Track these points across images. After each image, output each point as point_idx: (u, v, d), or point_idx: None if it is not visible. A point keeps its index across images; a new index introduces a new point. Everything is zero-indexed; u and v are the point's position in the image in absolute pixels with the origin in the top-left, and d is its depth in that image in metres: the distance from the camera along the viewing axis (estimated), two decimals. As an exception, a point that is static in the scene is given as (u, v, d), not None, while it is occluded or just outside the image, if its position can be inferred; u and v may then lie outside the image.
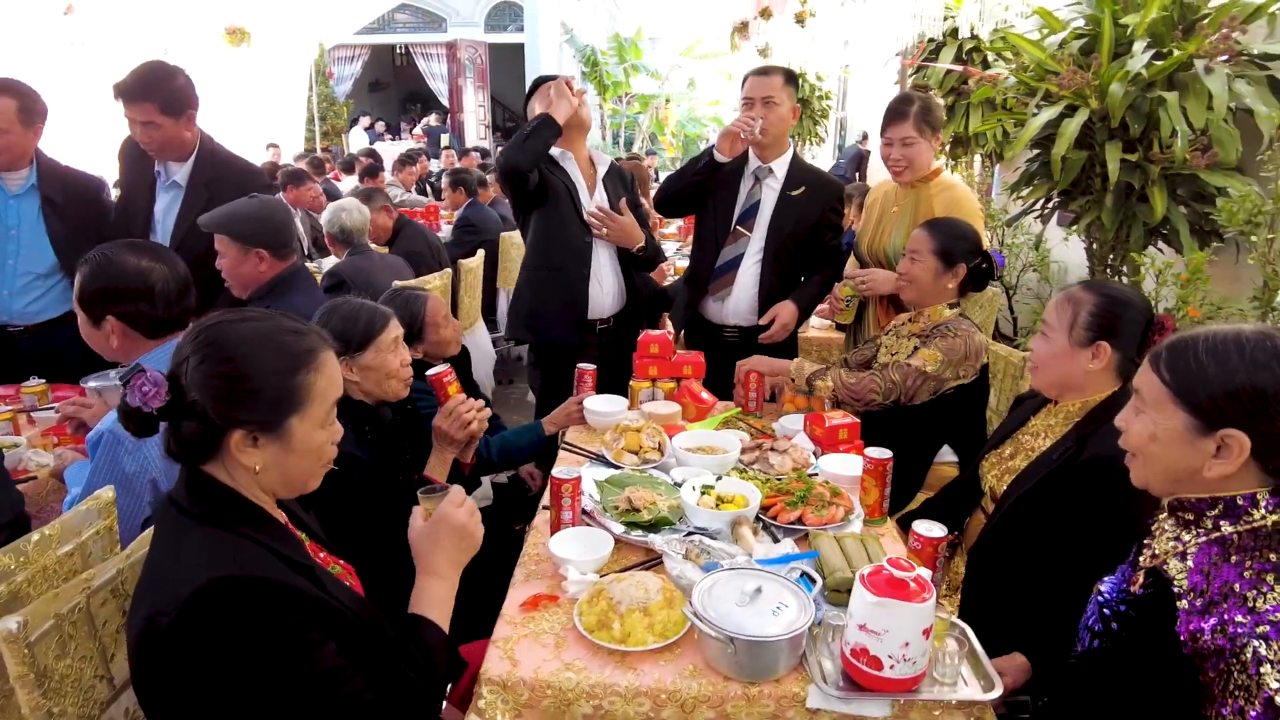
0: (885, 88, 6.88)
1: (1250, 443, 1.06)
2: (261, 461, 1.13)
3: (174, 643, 1.00)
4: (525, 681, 1.30)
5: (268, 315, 1.19)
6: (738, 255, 2.77)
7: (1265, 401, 1.04)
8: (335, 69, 16.59)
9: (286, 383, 1.13)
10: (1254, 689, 1.00)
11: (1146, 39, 3.20)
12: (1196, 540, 1.13)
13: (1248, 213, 2.54)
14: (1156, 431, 1.13)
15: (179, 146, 2.64)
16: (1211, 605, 1.06)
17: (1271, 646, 0.99)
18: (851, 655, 1.25)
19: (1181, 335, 1.13)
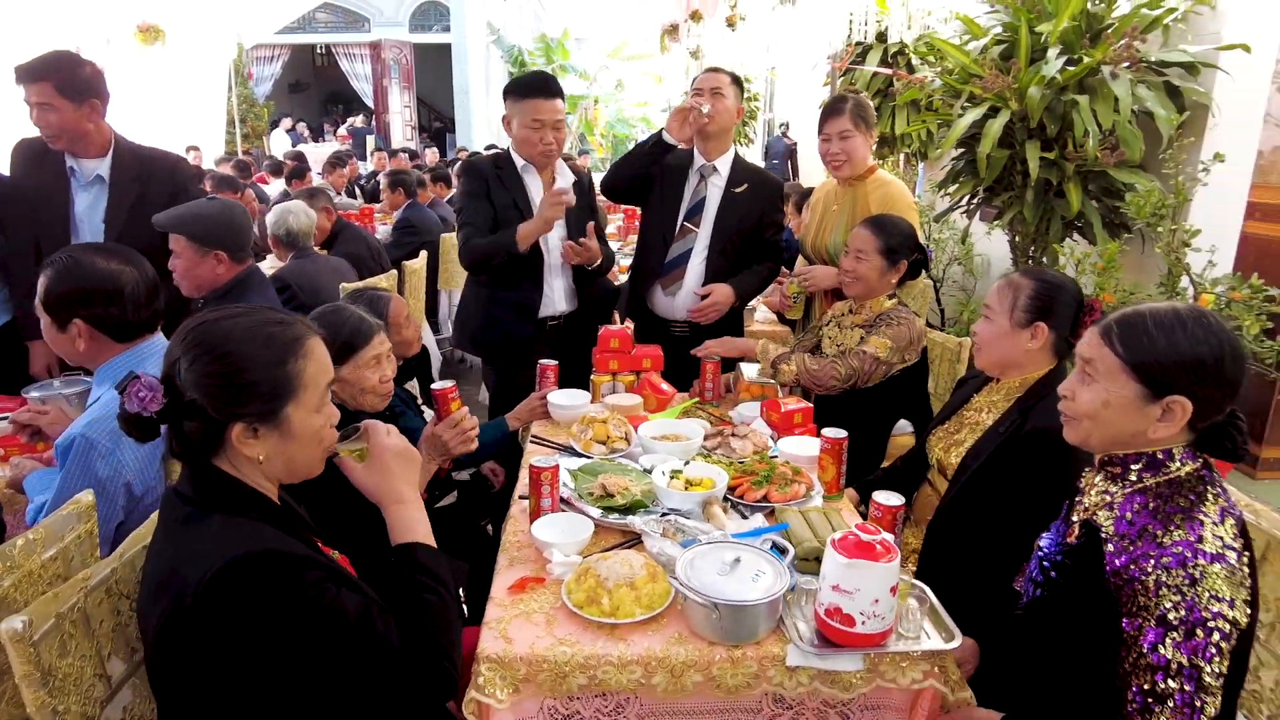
0: (813, 90, 7.11)
1: (1193, 407, 1.20)
2: (264, 451, 1.16)
3: (201, 620, 1.03)
4: (521, 658, 1.36)
5: (251, 310, 1.22)
6: (686, 251, 2.86)
7: (1205, 370, 1.18)
8: (254, 69, 16.10)
9: (279, 372, 1.16)
10: (1152, 608, 1.15)
11: (1059, 46, 3.43)
12: (1123, 491, 1.27)
13: (1153, 206, 2.77)
14: (1109, 399, 1.25)
15: (81, 137, 2.55)
16: (1130, 545, 1.20)
17: (1172, 574, 1.14)
18: (825, 615, 1.36)
19: (1128, 312, 1.27)
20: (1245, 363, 1.21)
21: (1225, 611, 1.11)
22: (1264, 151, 3.03)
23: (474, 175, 2.77)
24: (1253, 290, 2.60)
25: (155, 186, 2.47)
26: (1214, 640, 1.11)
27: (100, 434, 1.64)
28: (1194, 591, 1.12)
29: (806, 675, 1.38)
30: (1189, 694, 1.13)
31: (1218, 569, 1.13)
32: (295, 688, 1.08)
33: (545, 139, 2.67)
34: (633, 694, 1.38)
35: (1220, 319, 1.22)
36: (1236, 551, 1.15)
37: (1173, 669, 1.13)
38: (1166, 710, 1.14)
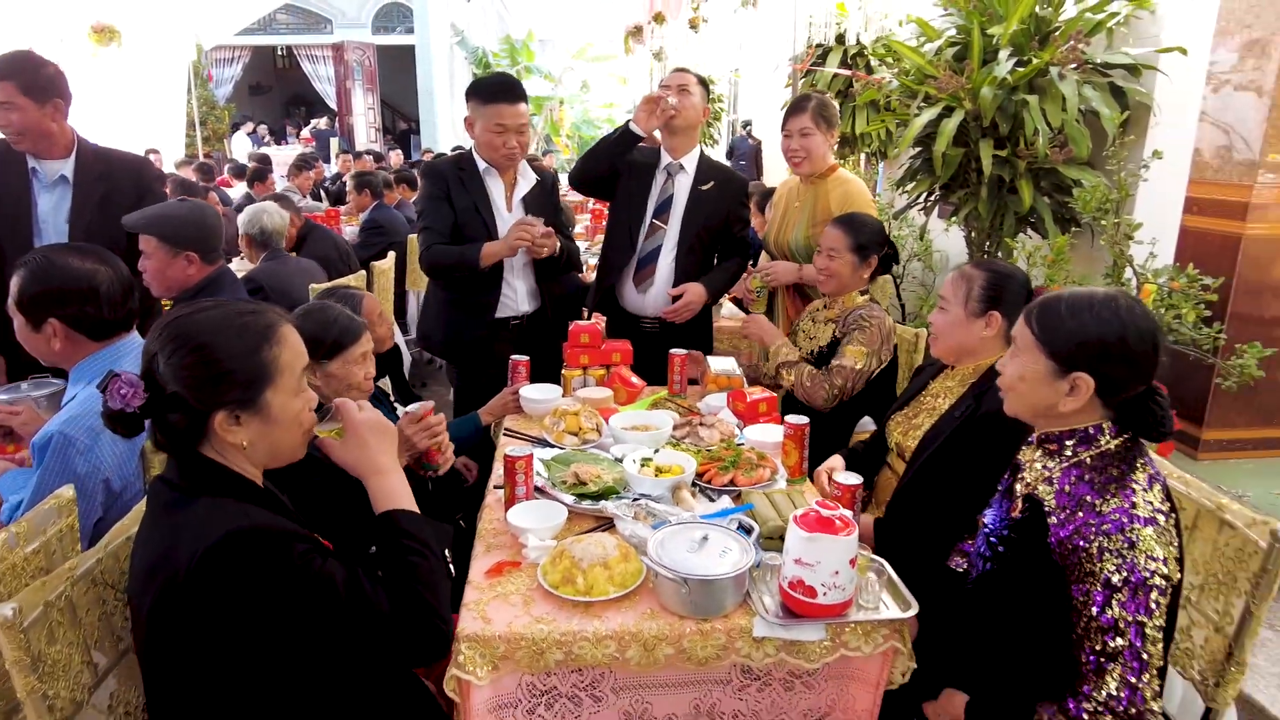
0: (776, 91, 7.23)
1: (1094, 383, 1.30)
2: (247, 437, 1.21)
3: (195, 595, 1.07)
4: (500, 636, 1.41)
5: (222, 303, 1.26)
6: (656, 248, 2.92)
7: (1106, 350, 1.29)
8: (214, 71, 15.88)
9: (254, 360, 1.20)
10: (1098, 573, 1.24)
11: (1010, 48, 3.56)
12: (1060, 466, 1.36)
13: (1099, 201, 2.89)
14: (1024, 373, 1.37)
15: (44, 137, 2.54)
16: (1071, 516, 1.29)
17: (1112, 539, 1.24)
18: (789, 587, 1.43)
19: (1049, 295, 1.37)
20: (1153, 345, 1.31)
21: (1160, 569, 1.21)
22: (1200, 149, 3.17)
23: (435, 178, 2.78)
24: (1189, 280, 2.74)
25: (119, 187, 2.48)
26: (1153, 597, 1.21)
27: (78, 431, 1.67)
28: (1133, 554, 1.21)
29: (773, 646, 1.45)
30: (1136, 649, 1.22)
31: (1150, 531, 1.22)
32: (288, 656, 1.13)
33: (509, 143, 2.69)
34: (607, 668, 1.44)
35: (1135, 305, 1.32)
36: (1164, 514, 1.25)
37: (1120, 627, 1.22)
38: (1118, 667, 1.23)
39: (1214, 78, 3.11)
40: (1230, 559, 1.46)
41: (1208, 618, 1.50)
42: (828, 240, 2.50)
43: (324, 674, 1.22)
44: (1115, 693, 1.23)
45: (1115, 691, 1.23)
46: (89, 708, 1.29)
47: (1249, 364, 2.68)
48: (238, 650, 1.11)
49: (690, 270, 2.91)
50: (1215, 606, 1.49)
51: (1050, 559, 1.30)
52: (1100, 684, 1.24)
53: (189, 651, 1.11)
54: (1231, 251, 3.00)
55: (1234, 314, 3.02)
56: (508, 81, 2.74)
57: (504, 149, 2.70)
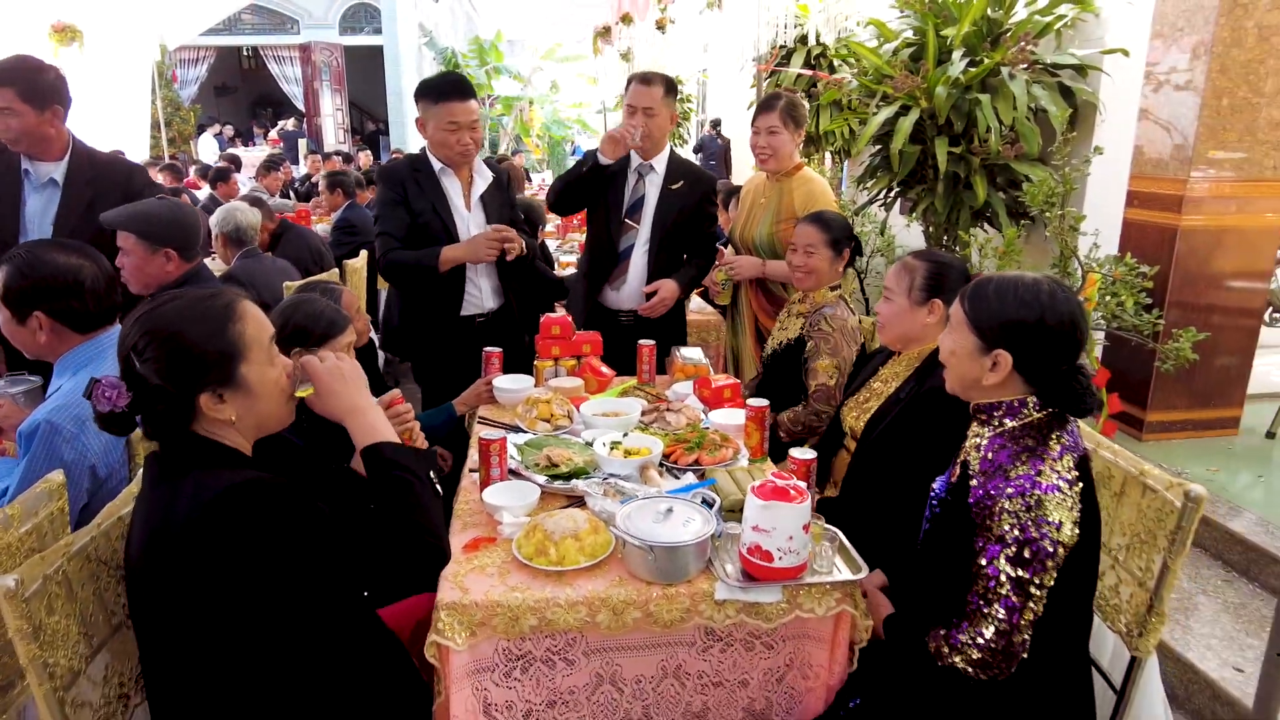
0: (742, 91, 7.36)
1: (1013, 359, 1.43)
2: (234, 412, 1.28)
3: (198, 545, 1.15)
4: (477, 604, 1.50)
5: (181, 293, 1.31)
6: (628, 246, 3.02)
7: (1025, 330, 1.42)
8: (178, 72, 15.70)
9: (222, 339, 1.26)
10: (995, 529, 1.38)
11: (963, 49, 3.70)
12: (988, 434, 1.48)
13: (1045, 195, 3.04)
14: (955, 348, 1.49)
15: (41, 141, 2.59)
16: (987, 479, 1.42)
17: (1013, 501, 1.37)
18: (748, 553, 1.54)
19: (982, 278, 1.49)
20: (1071, 327, 1.42)
21: (1052, 533, 1.34)
22: (1140, 146, 3.34)
23: (391, 182, 2.79)
24: (1128, 268, 2.89)
25: (107, 191, 2.52)
26: (1040, 557, 1.34)
27: (64, 419, 1.73)
28: (1028, 516, 1.35)
29: (733, 608, 1.55)
30: (1013, 603, 1.36)
31: (1050, 497, 1.35)
32: (287, 603, 1.20)
33: (462, 140, 2.72)
34: (579, 633, 1.53)
35: (1058, 291, 1.44)
36: (1069, 483, 1.38)
37: (1003, 579, 1.36)
38: (996, 611, 1.37)
39: (1152, 78, 3.27)
40: (1151, 519, 1.58)
41: (1132, 575, 1.63)
42: (804, 238, 2.56)
43: (319, 625, 1.30)
44: (990, 636, 1.38)
45: (990, 635, 1.38)
46: (84, 678, 1.36)
47: (1184, 348, 2.84)
48: (238, 601, 1.18)
49: (662, 266, 3.01)
50: (1139, 564, 1.61)
51: (969, 516, 1.43)
52: (979, 625, 1.39)
53: (189, 607, 1.18)
54: (1169, 242, 3.16)
55: (1172, 301, 3.19)
56: (456, 79, 2.77)
57: (458, 146, 2.73)
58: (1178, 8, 3.11)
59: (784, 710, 1.66)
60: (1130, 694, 1.61)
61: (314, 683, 1.34)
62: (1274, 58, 3.02)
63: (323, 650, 1.34)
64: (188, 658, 1.25)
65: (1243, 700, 2.11)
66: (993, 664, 1.39)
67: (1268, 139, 3.11)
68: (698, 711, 1.63)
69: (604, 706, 1.58)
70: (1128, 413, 3.36)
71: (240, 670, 1.26)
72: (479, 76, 17.16)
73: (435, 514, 1.31)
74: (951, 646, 1.42)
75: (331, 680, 1.37)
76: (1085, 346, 1.48)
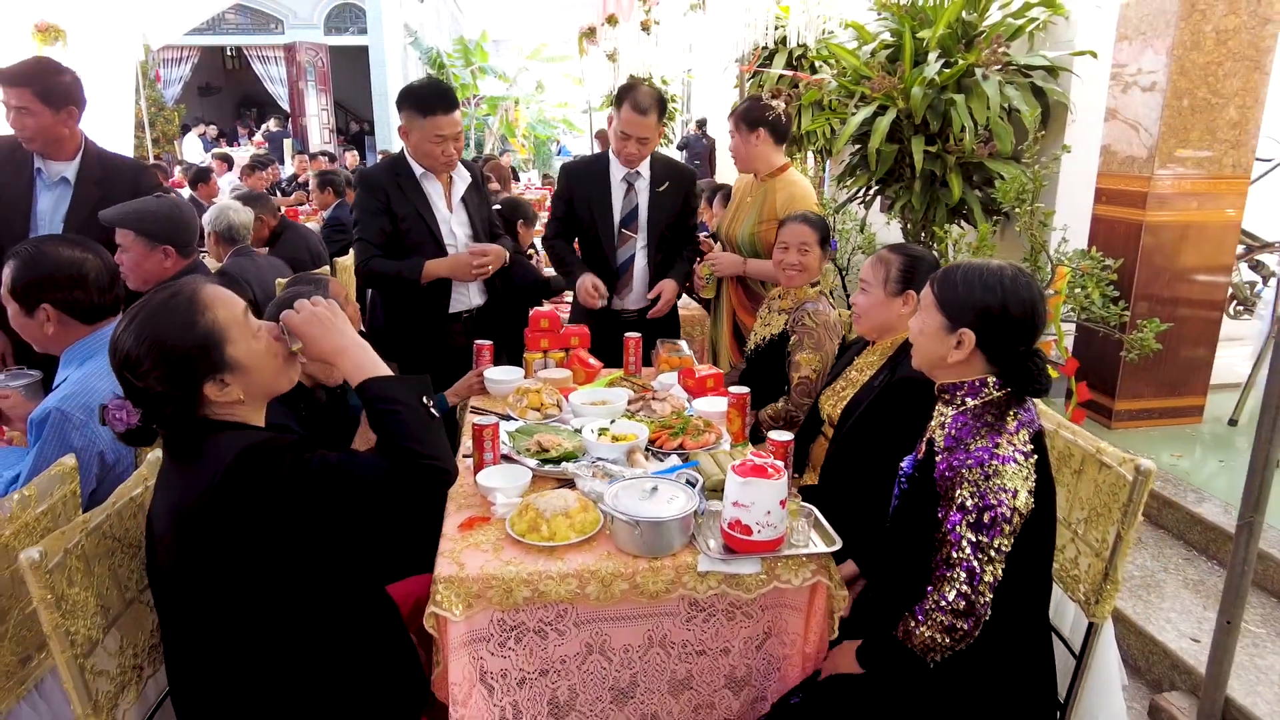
0: (726, 91, 7.46)
1: (976, 339, 1.53)
2: (239, 392, 1.35)
3: (221, 509, 1.23)
4: (473, 578, 1.59)
5: (144, 302, 1.35)
6: (630, 256, 3.09)
7: (989, 313, 1.52)
8: (162, 71, 15.65)
9: (196, 331, 1.31)
10: (954, 497, 1.48)
11: (938, 50, 3.82)
12: (952, 412, 1.59)
13: (1017, 192, 3.15)
14: (924, 328, 1.59)
15: (55, 141, 2.67)
16: (950, 454, 1.52)
17: (972, 471, 1.47)
18: (729, 528, 1.63)
19: (952, 264, 1.60)
20: (1031, 313, 1.53)
21: (1008, 501, 1.45)
22: (1108, 144, 3.46)
23: (372, 188, 2.82)
24: (1093, 261, 3.01)
25: (116, 191, 2.59)
26: (998, 522, 1.45)
27: (74, 407, 1.80)
28: (986, 485, 1.45)
29: (715, 579, 1.65)
30: (972, 566, 1.46)
31: (1007, 468, 1.46)
32: (305, 558, 1.29)
33: (447, 151, 2.76)
34: (570, 604, 1.62)
35: (1020, 278, 1.55)
36: (1025, 454, 1.48)
37: (963, 544, 1.46)
38: (958, 574, 1.47)
39: (1118, 79, 3.40)
40: (1107, 493, 1.69)
41: (1090, 546, 1.73)
42: (799, 236, 2.63)
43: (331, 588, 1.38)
44: (951, 599, 1.47)
45: (951, 598, 1.47)
46: (101, 648, 1.44)
47: (1147, 338, 2.96)
48: (258, 561, 1.26)
49: (660, 266, 3.11)
50: (1096, 535, 1.72)
51: (934, 490, 1.53)
52: (941, 589, 1.49)
53: (211, 572, 1.27)
54: (1135, 237, 3.28)
55: (1138, 294, 3.31)
56: (441, 90, 2.77)
57: (443, 157, 2.77)
58: (1140, 12, 3.24)
59: (763, 676, 1.76)
60: (1088, 659, 1.72)
61: (321, 649, 1.42)
62: (1231, 60, 3.15)
63: (332, 617, 1.42)
64: (206, 624, 1.33)
65: (1198, 669, 2.22)
66: (959, 626, 1.48)
67: (1227, 138, 3.24)
68: (682, 679, 1.72)
69: (593, 674, 1.67)
70: (1097, 401, 3.48)
71: (254, 635, 1.34)
72: (464, 76, 17.19)
73: (431, 437, 1.33)
74: (918, 620, 1.51)
75: (337, 647, 1.45)
76: (1043, 331, 1.58)
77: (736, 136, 3.01)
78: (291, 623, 1.36)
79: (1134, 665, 2.44)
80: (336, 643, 1.45)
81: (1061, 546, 1.80)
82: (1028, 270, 3.23)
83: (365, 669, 1.50)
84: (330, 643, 1.43)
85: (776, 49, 5.96)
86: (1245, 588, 1.96)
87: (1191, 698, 2.23)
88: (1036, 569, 1.57)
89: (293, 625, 1.37)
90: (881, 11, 4.27)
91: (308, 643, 1.40)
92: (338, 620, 1.44)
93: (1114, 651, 1.77)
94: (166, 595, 1.35)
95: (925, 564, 1.53)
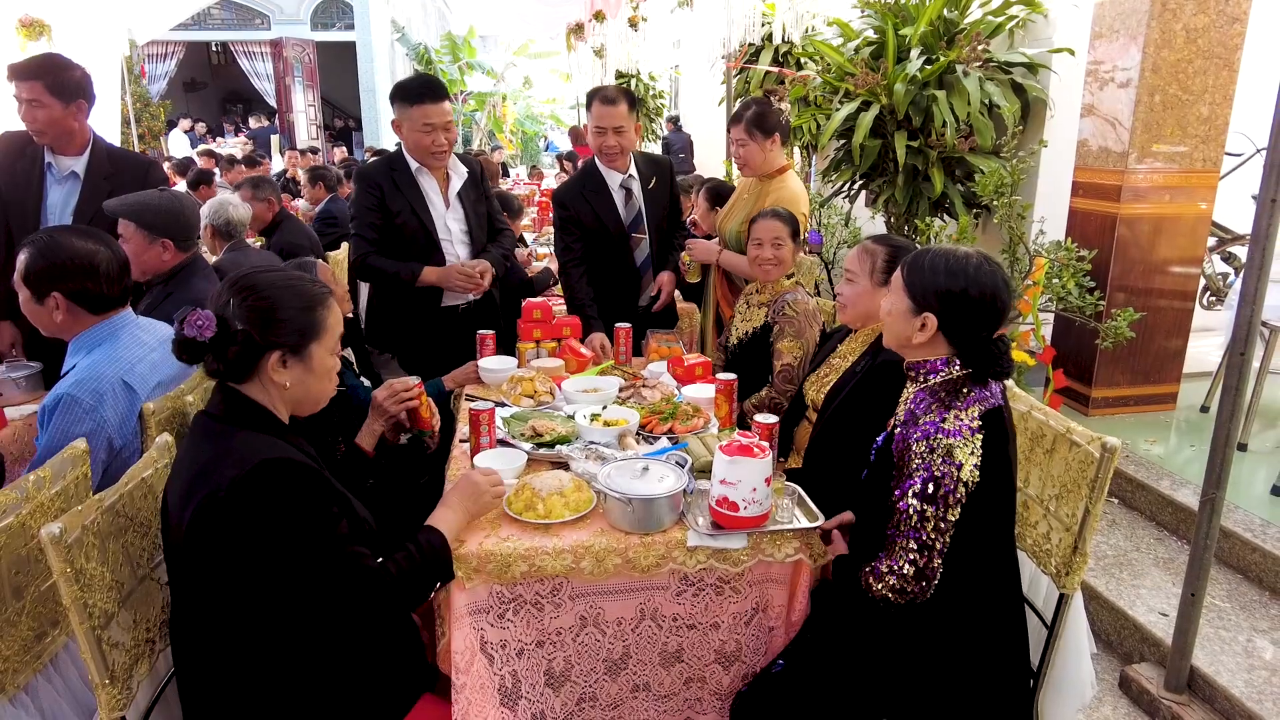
0: (713, 88, 7.53)
1: (937, 321, 1.61)
2: (290, 379, 1.45)
3: (232, 509, 1.30)
4: (473, 554, 1.66)
5: (281, 267, 1.50)
6: (646, 257, 3.19)
7: (951, 296, 1.60)
8: (147, 67, 15.56)
9: (308, 316, 1.45)
10: (904, 469, 1.57)
11: (920, 47, 3.91)
12: (915, 389, 1.67)
13: (996, 185, 3.24)
14: (892, 309, 1.68)
15: (65, 135, 2.72)
16: (906, 428, 1.61)
17: (920, 443, 1.56)
18: (716, 505, 1.71)
19: (922, 249, 1.67)
20: (992, 298, 1.60)
21: (953, 472, 1.53)
22: (1084, 139, 3.56)
23: (368, 184, 2.88)
24: (1068, 252, 3.10)
25: (124, 186, 2.64)
26: (942, 493, 1.53)
27: (84, 393, 1.85)
28: (932, 457, 1.53)
29: (704, 554, 1.73)
30: (922, 534, 1.54)
31: (953, 441, 1.54)
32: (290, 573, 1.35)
33: (437, 140, 2.83)
34: (565, 578, 1.70)
35: (984, 265, 1.62)
36: (972, 430, 1.55)
37: (910, 512, 1.55)
38: (909, 544, 1.55)
39: (1094, 76, 3.49)
40: (1076, 470, 1.77)
41: (1061, 521, 1.82)
42: (770, 232, 2.69)
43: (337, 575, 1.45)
44: (901, 567, 1.56)
45: (902, 565, 1.56)
46: (115, 622, 1.50)
47: (1121, 326, 3.06)
48: (261, 560, 1.33)
49: (660, 260, 3.23)
50: (1066, 511, 1.80)
51: (893, 461, 1.62)
52: (894, 556, 1.58)
53: (220, 561, 1.33)
54: (1110, 229, 3.38)
55: (1114, 285, 3.41)
56: (429, 81, 2.87)
57: (433, 146, 2.83)
58: (1114, 11, 3.33)
59: (752, 653, 1.84)
60: (1059, 628, 1.80)
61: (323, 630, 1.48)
62: (1201, 58, 3.25)
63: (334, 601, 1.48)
64: (212, 602, 1.39)
65: (1166, 641, 2.32)
66: (909, 589, 1.58)
67: (1197, 133, 3.34)
68: (674, 651, 1.80)
69: (588, 646, 1.75)
70: (1074, 389, 3.58)
71: (258, 616, 1.41)
72: (452, 73, 17.19)
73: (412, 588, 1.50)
74: (875, 577, 1.61)
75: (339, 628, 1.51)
76: (1005, 318, 1.66)
77: (751, 143, 3.05)
78: (295, 605, 1.42)
79: (1106, 639, 2.54)
80: (339, 624, 1.50)
81: (1034, 522, 1.89)
82: (1002, 261, 3.34)
83: (368, 649, 1.56)
84: (332, 624, 1.49)
85: (763, 46, 6.05)
86: (1208, 562, 2.06)
87: (1159, 668, 2.32)
88: (999, 540, 1.65)
89: (296, 607, 1.43)
90: (865, 9, 4.36)
91: (311, 623, 1.46)
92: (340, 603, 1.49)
93: (1084, 621, 1.85)
94: (178, 571, 1.42)
95: (884, 530, 1.62)
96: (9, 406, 2.45)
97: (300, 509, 1.34)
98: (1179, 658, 2.12)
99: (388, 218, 2.88)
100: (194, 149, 12.91)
